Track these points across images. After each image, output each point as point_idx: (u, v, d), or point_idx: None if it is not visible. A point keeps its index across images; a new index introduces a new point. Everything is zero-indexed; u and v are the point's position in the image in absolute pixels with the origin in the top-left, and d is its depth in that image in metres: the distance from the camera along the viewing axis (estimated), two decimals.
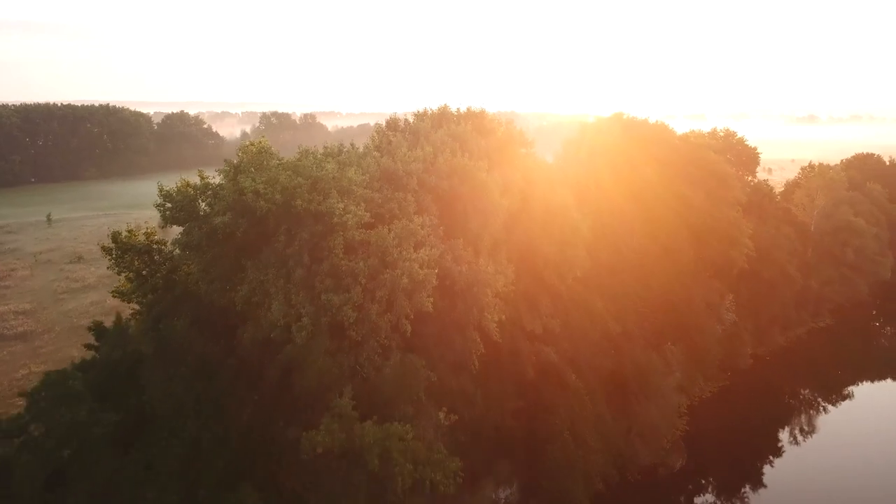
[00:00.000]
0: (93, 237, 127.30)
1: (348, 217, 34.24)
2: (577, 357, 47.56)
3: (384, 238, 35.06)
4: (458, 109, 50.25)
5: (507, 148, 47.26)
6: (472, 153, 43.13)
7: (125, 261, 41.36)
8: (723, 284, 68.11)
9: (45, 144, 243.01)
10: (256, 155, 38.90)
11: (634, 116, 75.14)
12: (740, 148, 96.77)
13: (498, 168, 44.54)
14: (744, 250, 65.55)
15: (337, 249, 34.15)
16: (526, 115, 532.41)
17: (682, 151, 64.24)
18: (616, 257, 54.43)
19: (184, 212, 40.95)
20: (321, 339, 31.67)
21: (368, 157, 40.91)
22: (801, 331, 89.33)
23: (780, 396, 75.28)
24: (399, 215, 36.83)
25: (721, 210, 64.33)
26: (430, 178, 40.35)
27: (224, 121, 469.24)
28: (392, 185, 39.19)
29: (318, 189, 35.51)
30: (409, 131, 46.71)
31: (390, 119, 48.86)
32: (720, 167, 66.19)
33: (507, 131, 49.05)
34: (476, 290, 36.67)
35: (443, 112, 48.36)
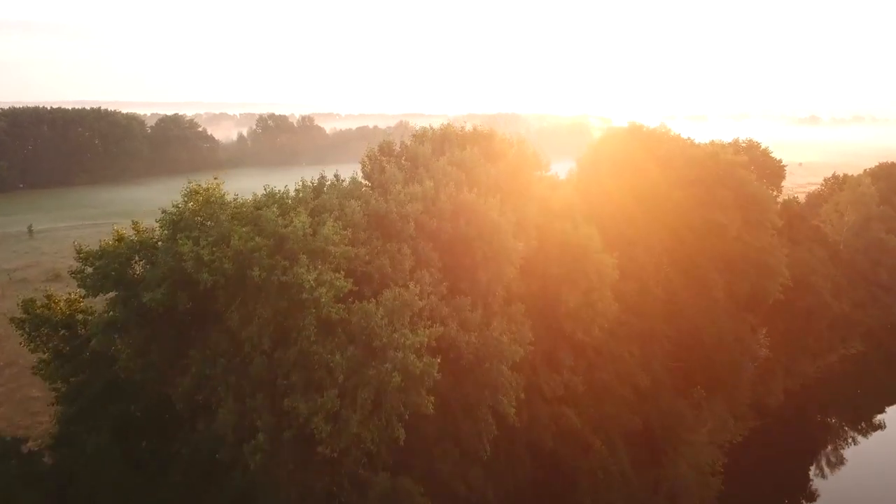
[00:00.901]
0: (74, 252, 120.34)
1: (322, 291, 26.90)
2: (602, 418, 40.97)
3: (370, 315, 27.61)
4: (462, 127, 43.46)
5: (520, 173, 40.50)
6: (481, 184, 36.38)
7: (41, 335, 33.06)
8: (755, 317, 61.45)
9: (35, 149, 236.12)
10: (204, 205, 31.75)
11: (654, 128, 68.49)
12: (764, 159, 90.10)
13: (510, 199, 37.84)
14: (781, 280, 58.89)
15: (308, 331, 26.84)
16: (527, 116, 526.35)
17: (711, 169, 57.54)
18: (643, 296, 47.80)
19: (110, 279, 32.54)
20: (282, 461, 24.82)
21: (356, 194, 33.80)
22: (831, 358, 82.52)
23: (816, 436, 68.72)
24: (391, 274, 30.03)
25: (756, 236, 57.66)
26: (430, 221, 33.68)
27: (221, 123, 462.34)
28: (383, 232, 32.38)
29: (284, 251, 28.12)
30: (406, 156, 39.92)
31: (384, 143, 42.06)
32: (755, 188, 59.43)
33: (520, 154, 42.19)
34: (488, 366, 30.04)
35: (445, 133, 41.42)
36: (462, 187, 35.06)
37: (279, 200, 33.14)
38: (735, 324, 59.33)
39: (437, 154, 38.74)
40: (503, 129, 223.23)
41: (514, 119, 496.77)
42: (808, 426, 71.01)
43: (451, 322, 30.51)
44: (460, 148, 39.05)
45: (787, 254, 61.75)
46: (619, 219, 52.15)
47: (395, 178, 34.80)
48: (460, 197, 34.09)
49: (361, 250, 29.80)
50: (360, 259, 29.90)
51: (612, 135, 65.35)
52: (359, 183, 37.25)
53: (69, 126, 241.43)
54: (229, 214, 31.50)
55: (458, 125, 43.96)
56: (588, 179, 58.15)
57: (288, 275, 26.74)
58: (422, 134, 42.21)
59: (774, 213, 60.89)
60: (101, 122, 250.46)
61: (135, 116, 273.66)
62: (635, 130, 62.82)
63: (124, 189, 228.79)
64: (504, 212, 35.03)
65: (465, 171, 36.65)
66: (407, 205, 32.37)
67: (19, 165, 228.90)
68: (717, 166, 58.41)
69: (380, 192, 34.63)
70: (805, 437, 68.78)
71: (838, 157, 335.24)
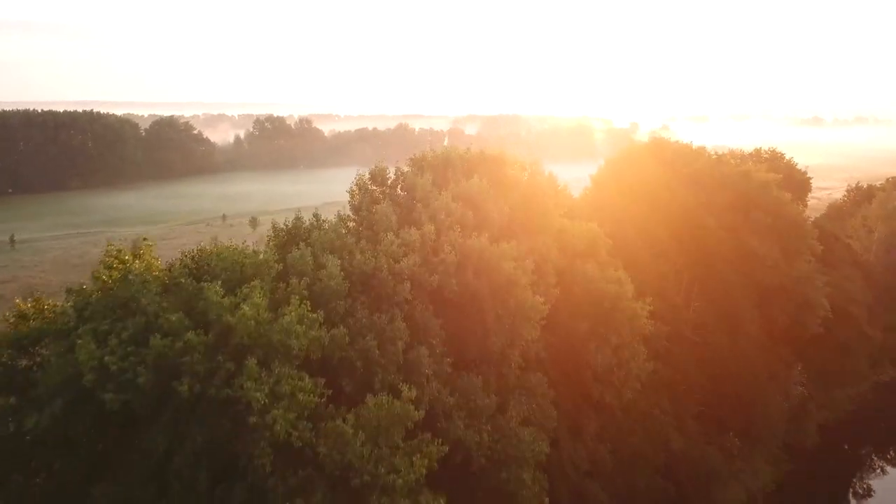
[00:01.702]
0: (56, 265, 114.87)
1: (278, 414, 19.75)
2: (631, 491, 35.13)
3: (347, 441, 20.61)
4: (468, 149, 37.43)
5: (535, 204, 34.52)
6: (491, 222, 30.48)
7: None
8: (790, 351, 55.58)
9: (25, 152, 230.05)
10: (121, 285, 24.67)
11: (679, 141, 62.56)
12: (789, 172, 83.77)
13: (526, 239, 31.89)
14: (820, 312, 53.01)
15: (262, 460, 20.04)
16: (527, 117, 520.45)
17: (744, 191, 51.64)
18: (674, 342, 41.99)
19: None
20: None
21: (336, 245, 27.61)
22: (863, 387, 76.52)
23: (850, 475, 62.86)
24: (379, 360, 23.72)
25: (793, 264, 51.79)
26: (430, 278, 27.80)
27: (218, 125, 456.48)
28: (371, 295, 26.48)
29: (230, 348, 21.40)
30: (404, 185, 33.84)
31: (375, 169, 35.86)
32: (793, 211, 53.48)
33: (534, 179, 36.19)
34: (506, 475, 24.10)
35: (447, 158, 35.14)
36: (469, 228, 29.15)
37: (230, 265, 25.51)
38: (769, 360, 53.46)
39: (439, 184, 32.74)
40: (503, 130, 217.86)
41: (515, 120, 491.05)
42: (843, 463, 65.18)
43: (457, 414, 24.45)
44: (466, 176, 33.07)
45: (825, 282, 55.89)
46: (644, 248, 46.23)
47: (387, 221, 28.70)
48: (467, 244, 28.14)
49: (339, 331, 23.71)
50: (337, 343, 23.85)
51: (631, 150, 59.33)
52: (343, 224, 30.83)
53: (60, 129, 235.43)
54: (156, 292, 24.29)
55: (463, 148, 37.86)
56: (606, 201, 52.20)
57: (232, 387, 20.40)
58: (420, 159, 35.97)
59: (813, 238, 54.94)
60: (93, 124, 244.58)
61: (128, 119, 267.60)
62: (658, 146, 56.87)
63: (117, 194, 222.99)
64: (520, 256, 29.08)
65: (472, 207, 30.73)
66: (402, 259, 26.37)
67: (8, 169, 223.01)
68: (750, 186, 52.49)
69: (368, 236, 28.65)
70: (840, 476, 62.97)
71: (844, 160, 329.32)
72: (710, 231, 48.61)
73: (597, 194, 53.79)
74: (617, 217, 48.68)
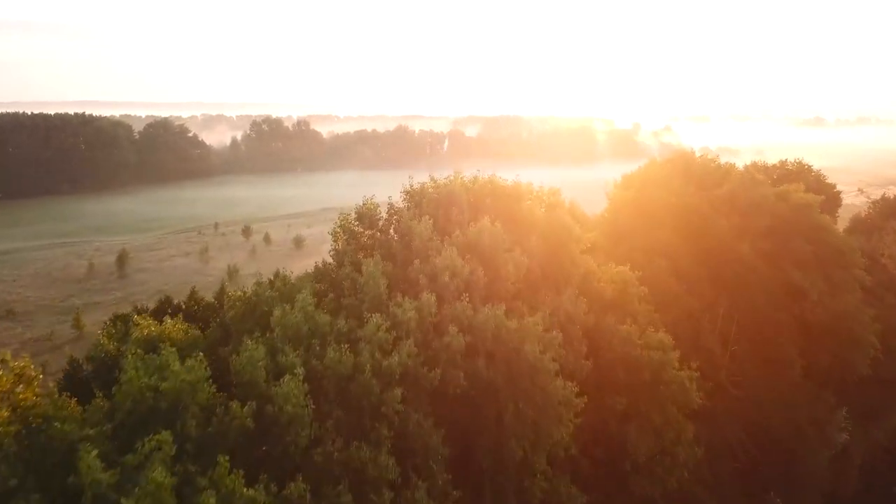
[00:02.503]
0: (36, 280, 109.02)
1: None
2: None
3: None
4: (475, 177, 31.31)
5: (556, 246, 28.54)
6: (506, 276, 24.66)
7: None
8: (832, 393, 49.69)
9: (15, 156, 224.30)
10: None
11: (705, 155, 56.67)
12: (817, 185, 77.95)
13: (547, 293, 26.00)
14: (870, 352, 47.15)
15: None
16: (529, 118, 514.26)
17: (783, 214, 45.79)
18: (713, 397, 36.17)
19: None
20: None
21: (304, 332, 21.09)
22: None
23: None
24: None
25: (839, 298, 45.93)
26: (429, 375, 21.47)
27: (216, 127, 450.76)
28: (346, 407, 19.95)
29: None
30: (398, 227, 27.80)
31: (363, 207, 29.80)
32: (839, 239, 47.63)
33: (554, 216, 30.01)
34: None
35: (451, 192, 28.59)
36: (479, 290, 23.27)
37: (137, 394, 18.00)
38: (811, 405, 47.60)
39: (442, 227, 26.86)
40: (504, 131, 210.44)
41: (517, 121, 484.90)
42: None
43: None
44: (473, 214, 27.19)
45: (873, 316, 50.01)
46: (673, 282, 40.36)
47: (374, 287, 22.62)
48: (478, 319, 22.23)
49: (297, 488, 17.57)
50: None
51: (653, 166, 53.39)
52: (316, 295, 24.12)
53: (51, 132, 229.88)
54: None
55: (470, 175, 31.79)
56: (625, 225, 46.34)
57: None
58: (418, 194, 29.74)
59: (861, 268, 49.08)
60: (85, 127, 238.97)
61: (121, 122, 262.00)
62: (684, 161, 51.02)
63: (109, 199, 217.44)
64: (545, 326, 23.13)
65: (482, 260, 24.84)
66: (392, 352, 20.32)
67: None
68: (789, 209, 46.63)
69: (350, 308, 22.73)
70: None
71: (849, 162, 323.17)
72: (747, 261, 42.75)
73: (615, 217, 47.93)
74: (639, 245, 42.84)
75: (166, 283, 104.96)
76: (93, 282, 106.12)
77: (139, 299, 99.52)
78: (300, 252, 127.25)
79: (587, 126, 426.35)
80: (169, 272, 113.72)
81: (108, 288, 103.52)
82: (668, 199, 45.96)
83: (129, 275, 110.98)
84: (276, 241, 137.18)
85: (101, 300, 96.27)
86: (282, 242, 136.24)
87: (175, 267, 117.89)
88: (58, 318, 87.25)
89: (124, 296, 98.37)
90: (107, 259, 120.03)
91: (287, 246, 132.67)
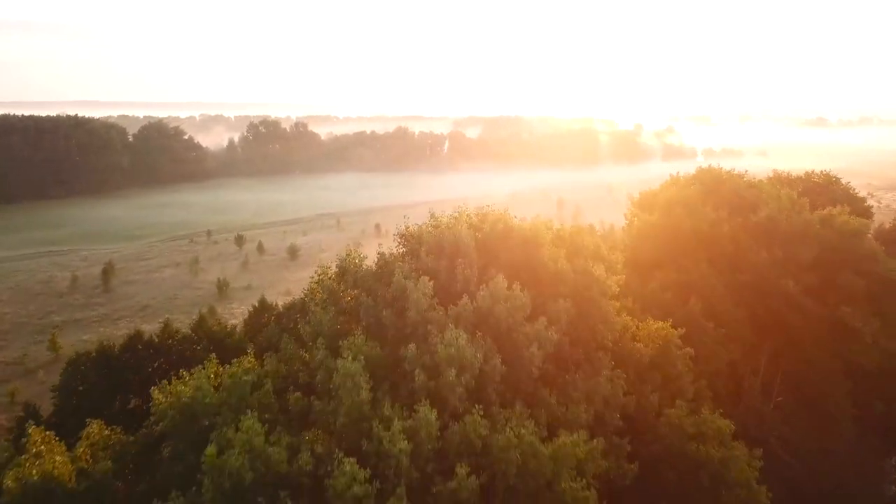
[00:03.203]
0: (16, 294, 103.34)
1: None
2: None
3: None
4: (484, 213, 25.59)
5: (588, 308, 22.94)
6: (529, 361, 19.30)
7: None
8: (883, 441, 44.55)
9: (5, 160, 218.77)
10: None
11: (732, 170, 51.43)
12: (846, 199, 72.54)
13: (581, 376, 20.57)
14: None
15: None
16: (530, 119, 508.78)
17: (830, 243, 40.57)
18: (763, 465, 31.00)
19: None
20: None
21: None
22: None
23: None
24: None
25: (893, 335, 40.72)
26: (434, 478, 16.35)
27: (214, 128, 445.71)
28: None
29: None
30: (389, 283, 22.20)
31: (346, 261, 24.09)
32: (890, 269, 42.33)
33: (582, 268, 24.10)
34: None
35: (455, 237, 23.16)
36: (493, 383, 17.88)
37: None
38: (859, 453, 42.39)
39: (444, 287, 21.44)
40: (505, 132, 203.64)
41: (517, 122, 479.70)
42: None
43: None
44: (481, 268, 21.75)
45: None
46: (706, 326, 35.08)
47: (351, 395, 16.80)
48: (497, 443, 16.61)
49: None
50: None
51: (675, 186, 48.02)
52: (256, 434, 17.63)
53: (43, 135, 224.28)
54: None
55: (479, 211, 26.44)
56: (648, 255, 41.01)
57: None
58: (416, 237, 24.05)
59: None
60: (77, 130, 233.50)
61: (114, 124, 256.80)
62: (714, 179, 45.66)
63: (102, 204, 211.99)
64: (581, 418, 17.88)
65: (496, 338, 19.47)
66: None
67: None
68: (836, 237, 41.38)
69: (322, 415, 17.30)
70: None
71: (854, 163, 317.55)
72: (791, 299, 37.52)
73: (638, 245, 42.61)
74: (669, 281, 37.57)
75: (153, 298, 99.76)
76: (75, 296, 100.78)
77: (123, 315, 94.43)
78: (294, 263, 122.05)
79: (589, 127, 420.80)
80: (157, 285, 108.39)
81: (91, 303, 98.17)
82: (699, 225, 40.71)
83: (115, 288, 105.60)
84: (269, 250, 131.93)
85: (82, 317, 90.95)
86: (276, 251, 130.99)
87: (164, 279, 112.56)
88: (34, 338, 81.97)
89: (108, 312, 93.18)
90: (93, 270, 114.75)
91: (281, 255, 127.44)
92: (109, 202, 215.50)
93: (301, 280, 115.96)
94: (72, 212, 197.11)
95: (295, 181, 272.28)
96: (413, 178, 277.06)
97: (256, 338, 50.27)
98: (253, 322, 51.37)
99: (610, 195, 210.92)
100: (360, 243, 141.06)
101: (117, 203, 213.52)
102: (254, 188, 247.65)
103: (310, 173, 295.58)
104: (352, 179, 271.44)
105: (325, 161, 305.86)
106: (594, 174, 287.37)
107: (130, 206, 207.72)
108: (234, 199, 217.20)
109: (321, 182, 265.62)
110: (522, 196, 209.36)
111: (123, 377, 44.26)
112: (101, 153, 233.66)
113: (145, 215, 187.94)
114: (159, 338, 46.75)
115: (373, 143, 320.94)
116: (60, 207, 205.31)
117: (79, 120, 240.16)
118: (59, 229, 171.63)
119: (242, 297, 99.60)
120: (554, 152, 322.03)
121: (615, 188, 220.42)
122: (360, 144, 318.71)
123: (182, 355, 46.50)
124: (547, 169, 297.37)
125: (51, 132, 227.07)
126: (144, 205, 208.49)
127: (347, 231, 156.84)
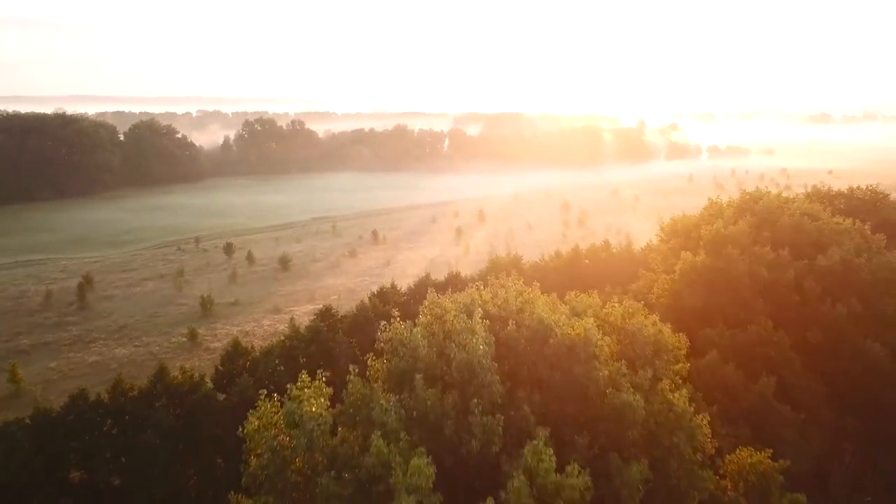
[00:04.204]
0: None
1: None
2: None
3: None
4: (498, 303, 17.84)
5: (663, 458, 15.76)
6: None
7: None
8: None
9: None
10: None
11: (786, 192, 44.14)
12: (886, 213, 65.50)
13: None
14: None
15: None
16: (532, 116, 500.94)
17: None
18: None
19: None
20: None
21: None
22: None
23: None
24: None
25: None
26: None
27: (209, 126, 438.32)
28: None
29: None
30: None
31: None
32: None
33: (658, 412, 16.59)
34: None
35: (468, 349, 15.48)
36: None
37: None
38: None
39: (451, 453, 14.14)
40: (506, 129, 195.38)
41: (519, 119, 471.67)
42: None
43: None
44: (512, 412, 14.38)
45: None
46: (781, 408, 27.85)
47: None
48: None
49: None
50: None
51: (721, 215, 40.56)
52: None
53: (29, 135, 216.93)
54: None
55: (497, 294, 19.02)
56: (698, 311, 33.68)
57: None
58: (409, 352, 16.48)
59: None
60: (65, 129, 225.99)
61: (103, 123, 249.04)
62: (765, 209, 38.27)
63: (90, 206, 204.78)
64: None
65: None
66: None
67: None
68: None
69: None
70: None
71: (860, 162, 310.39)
72: (878, 364, 30.30)
73: (682, 292, 35.20)
74: (727, 345, 30.29)
75: (132, 317, 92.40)
76: (47, 314, 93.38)
77: (97, 338, 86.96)
78: (286, 274, 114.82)
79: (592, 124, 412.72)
80: (137, 301, 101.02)
81: (64, 322, 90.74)
82: (756, 269, 33.38)
83: (92, 305, 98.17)
84: (260, 259, 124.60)
85: (52, 339, 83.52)
86: (266, 261, 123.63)
87: (145, 294, 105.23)
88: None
89: (80, 333, 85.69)
90: (70, 283, 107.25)
91: (272, 266, 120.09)
92: (98, 204, 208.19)
93: (291, 294, 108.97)
94: (57, 216, 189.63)
95: (291, 181, 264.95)
96: (412, 178, 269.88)
97: (228, 390, 43.36)
98: (224, 371, 44.31)
99: (615, 196, 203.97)
100: (356, 250, 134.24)
101: (106, 205, 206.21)
102: (248, 189, 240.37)
103: (307, 173, 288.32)
104: (349, 180, 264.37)
105: (322, 160, 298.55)
106: (598, 173, 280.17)
107: (119, 208, 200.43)
108: (227, 201, 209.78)
109: (318, 182, 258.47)
110: (526, 198, 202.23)
111: (66, 446, 37.27)
112: (91, 153, 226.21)
113: (134, 219, 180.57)
114: (110, 396, 39.64)
115: (371, 141, 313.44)
116: (47, 211, 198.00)
117: (66, 118, 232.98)
118: (43, 235, 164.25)
119: (228, 314, 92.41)
120: (556, 150, 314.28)
121: (620, 189, 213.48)
122: (358, 142, 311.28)
123: (137, 415, 39.51)
124: (549, 167, 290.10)
125: (38, 132, 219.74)
126: (134, 208, 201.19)
127: (344, 237, 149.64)
